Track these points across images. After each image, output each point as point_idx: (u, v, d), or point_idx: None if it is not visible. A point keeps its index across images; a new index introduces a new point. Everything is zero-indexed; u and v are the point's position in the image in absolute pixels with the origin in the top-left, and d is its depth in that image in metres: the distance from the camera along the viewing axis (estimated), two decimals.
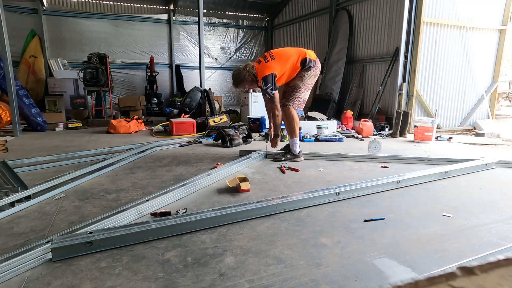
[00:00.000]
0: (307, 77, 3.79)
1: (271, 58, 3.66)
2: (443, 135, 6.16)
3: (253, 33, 12.84)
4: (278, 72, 3.64)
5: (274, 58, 3.65)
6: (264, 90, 3.63)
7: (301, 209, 2.46)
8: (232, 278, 1.60)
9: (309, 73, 3.78)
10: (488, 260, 0.39)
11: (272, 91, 3.62)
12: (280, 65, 3.66)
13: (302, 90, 3.83)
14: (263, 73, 3.61)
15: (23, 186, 2.67)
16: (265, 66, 3.63)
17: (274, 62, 3.64)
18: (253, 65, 3.75)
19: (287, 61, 3.70)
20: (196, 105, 7.49)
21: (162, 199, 2.53)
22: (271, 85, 3.60)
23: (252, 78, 3.74)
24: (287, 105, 3.86)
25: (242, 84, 3.81)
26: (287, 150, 4.05)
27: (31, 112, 6.22)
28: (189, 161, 4.02)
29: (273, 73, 3.59)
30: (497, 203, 2.65)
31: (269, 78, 3.59)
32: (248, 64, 3.77)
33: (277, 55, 3.71)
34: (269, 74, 3.58)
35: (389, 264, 1.74)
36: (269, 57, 3.67)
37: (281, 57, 3.69)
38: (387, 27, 7.09)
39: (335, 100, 7.93)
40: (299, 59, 3.73)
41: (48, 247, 1.73)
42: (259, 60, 3.76)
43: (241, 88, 4.02)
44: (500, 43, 7.31)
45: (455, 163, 3.69)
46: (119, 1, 10.52)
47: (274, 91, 3.64)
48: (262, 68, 3.66)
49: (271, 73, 3.59)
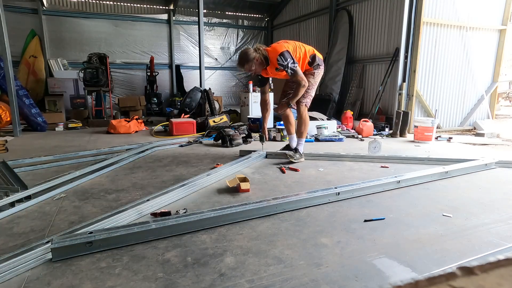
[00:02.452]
0: (317, 74, 3.82)
1: (286, 43, 3.63)
2: (443, 135, 6.16)
3: (253, 33, 12.84)
4: (292, 52, 3.54)
5: (289, 44, 3.63)
6: (285, 66, 3.46)
7: (301, 209, 2.46)
8: (232, 278, 1.60)
9: (319, 71, 3.81)
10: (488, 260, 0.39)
11: (294, 64, 3.48)
12: (292, 47, 3.59)
13: (313, 86, 3.83)
14: (277, 51, 3.46)
15: (23, 186, 2.67)
16: (278, 45, 3.55)
17: (287, 44, 3.62)
18: (264, 47, 3.61)
19: (299, 47, 3.67)
20: (196, 105, 7.50)
21: (162, 199, 2.53)
22: (290, 59, 3.46)
23: (262, 60, 3.55)
24: (302, 102, 3.80)
25: (249, 64, 3.53)
26: (295, 150, 3.97)
27: (31, 112, 6.22)
28: (189, 161, 4.02)
29: (288, 50, 3.49)
30: (497, 203, 2.65)
31: (286, 54, 3.45)
32: (258, 45, 3.62)
33: (288, 42, 3.69)
34: (284, 51, 3.46)
35: (389, 264, 1.74)
36: (282, 42, 3.65)
37: (292, 43, 3.67)
38: (387, 27, 7.09)
39: (335, 100, 7.93)
40: (309, 52, 3.73)
41: (48, 247, 1.73)
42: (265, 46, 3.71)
43: (246, 70, 3.63)
44: (500, 43, 7.31)
45: (455, 163, 3.69)
46: (119, 1, 10.51)
47: (296, 63, 3.51)
48: (274, 48, 3.54)
49: (286, 49, 3.48)
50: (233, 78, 12.82)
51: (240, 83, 12.83)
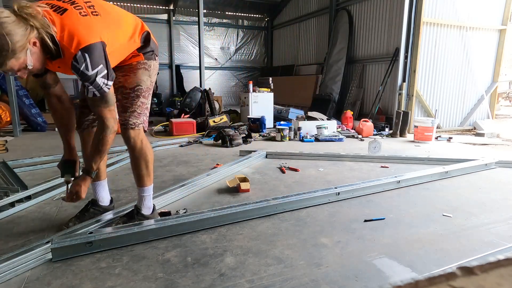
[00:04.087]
0: (153, 69, 2.04)
1: (93, 11, 1.68)
2: (443, 135, 6.16)
3: (253, 33, 12.85)
4: (108, 42, 1.67)
5: (98, 14, 1.69)
6: (87, 78, 1.63)
7: (301, 209, 2.46)
8: (232, 278, 1.60)
9: (155, 64, 2.05)
10: (488, 260, 0.39)
11: (106, 81, 1.68)
12: (109, 30, 1.72)
13: (150, 92, 2.04)
14: (84, 39, 1.57)
15: (23, 186, 2.67)
16: (85, 24, 1.61)
17: (100, 20, 1.69)
18: (44, 11, 1.54)
19: (119, 25, 1.82)
20: (196, 105, 7.49)
21: (162, 199, 2.53)
22: (104, 69, 1.65)
23: (40, 45, 1.56)
24: (133, 125, 1.97)
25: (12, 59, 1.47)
26: (134, 213, 2.15)
27: (31, 112, 6.22)
28: (189, 161, 4.02)
29: (103, 42, 1.63)
30: (497, 203, 2.65)
31: (98, 52, 1.61)
32: (23, 4, 1.49)
33: (102, 9, 1.74)
34: (96, 43, 1.60)
35: (389, 264, 1.74)
36: (85, 7, 1.66)
37: (109, 15, 1.77)
38: (387, 27, 7.09)
39: (335, 100, 7.94)
40: (139, 30, 1.91)
41: (48, 247, 1.73)
42: (56, 5, 1.61)
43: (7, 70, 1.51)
44: (500, 43, 7.31)
45: (455, 163, 3.69)
46: (119, 1, 10.52)
47: (110, 82, 1.71)
48: (76, 24, 1.58)
49: (99, 40, 1.62)
50: (233, 78, 12.83)
51: (240, 83, 12.83)
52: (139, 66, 1.95)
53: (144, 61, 1.96)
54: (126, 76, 1.95)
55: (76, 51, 1.56)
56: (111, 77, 1.70)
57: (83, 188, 1.83)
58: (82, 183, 1.83)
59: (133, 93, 1.95)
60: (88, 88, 1.67)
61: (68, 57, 1.59)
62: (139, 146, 2.01)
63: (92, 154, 1.83)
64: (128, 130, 1.96)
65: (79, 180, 1.86)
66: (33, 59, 1.55)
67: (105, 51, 1.65)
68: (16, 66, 1.50)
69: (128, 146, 2.03)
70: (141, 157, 2.05)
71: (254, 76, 12.61)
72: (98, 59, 1.61)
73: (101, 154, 1.82)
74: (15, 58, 1.47)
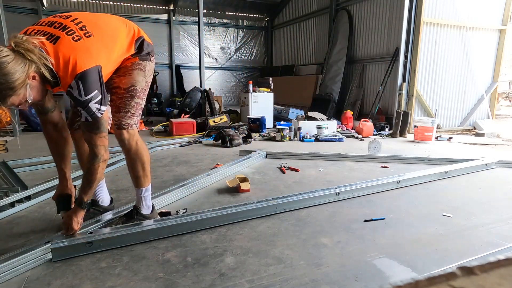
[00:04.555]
0: (148, 70, 2.04)
1: (86, 32, 1.67)
2: (443, 135, 6.16)
3: (253, 33, 12.85)
4: (104, 62, 1.74)
5: (91, 34, 1.69)
6: (81, 103, 1.65)
7: (301, 209, 2.46)
8: (232, 278, 1.60)
9: (151, 64, 2.05)
10: (488, 260, 0.39)
11: (99, 106, 1.69)
12: (105, 48, 1.76)
13: (145, 93, 2.05)
14: (79, 65, 1.59)
15: (23, 186, 2.67)
16: (78, 49, 1.61)
17: (94, 40, 1.69)
18: (39, 42, 1.55)
19: (114, 40, 1.83)
20: (196, 105, 7.50)
21: (162, 199, 2.53)
22: (99, 95, 1.67)
23: (39, 77, 1.58)
24: (127, 125, 1.99)
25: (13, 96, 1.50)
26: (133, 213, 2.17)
27: (31, 112, 6.23)
28: (189, 161, 4.02)
29: (98, 66, 1.67)
30: (497, 203, 2.65)
31: (93, 77, 1.64)
32: (19, 39, 1.49)
33: (95, 27, 1.74)
34: (91, 69, 1.63)
35: (389, 264, 1.74)
36: (77, 30, 1.66)
37: (103, 33, 1.77)
38: (387, 27, 7.10)
39: (335, 100, 7.94)
40: (133, 37, 1.93)
41: (48, 247, 1.73)
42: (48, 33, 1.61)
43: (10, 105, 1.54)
44: (500, 43, 7.31)
45: (455, 163, 3.69)
46: (119, 1, 10.52)
47: (104, 107, 1.72)
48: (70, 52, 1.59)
49: (94, 65, 1.64)
50: (233, 78, 12.84)
51: (240, 83, 12.84)
52: (134, 67, 1.95)
53: (139, 62, 1.97)
54: (121, 76, 1.94)
55: (71, 79, 1.59)
56: (105, 103, 1.72)
57: (75, 220, 1.82)
58: (74, 215, 1.83)
59: (127, 93, 1.95)
60: (81, 113, 1.69)
61: (64, 85, 1.63)
62: (134, 147, 2.02)
63: (83, 186, 1.82)
64: (122, 131, 1.98)
65: (71, 212, 1.85)
66: (33, 92, 1.58)
67: (101, 75, 1.68)
68: (17, 101, 1.54)
69: (123, 148, 2.04)
70: (137, 158, 2.06)
71: (254, 76, 12.62)
72: (93, 85, 1.64)
73: (91, 184, 1.82)
74: (15, 95, 1.50)
